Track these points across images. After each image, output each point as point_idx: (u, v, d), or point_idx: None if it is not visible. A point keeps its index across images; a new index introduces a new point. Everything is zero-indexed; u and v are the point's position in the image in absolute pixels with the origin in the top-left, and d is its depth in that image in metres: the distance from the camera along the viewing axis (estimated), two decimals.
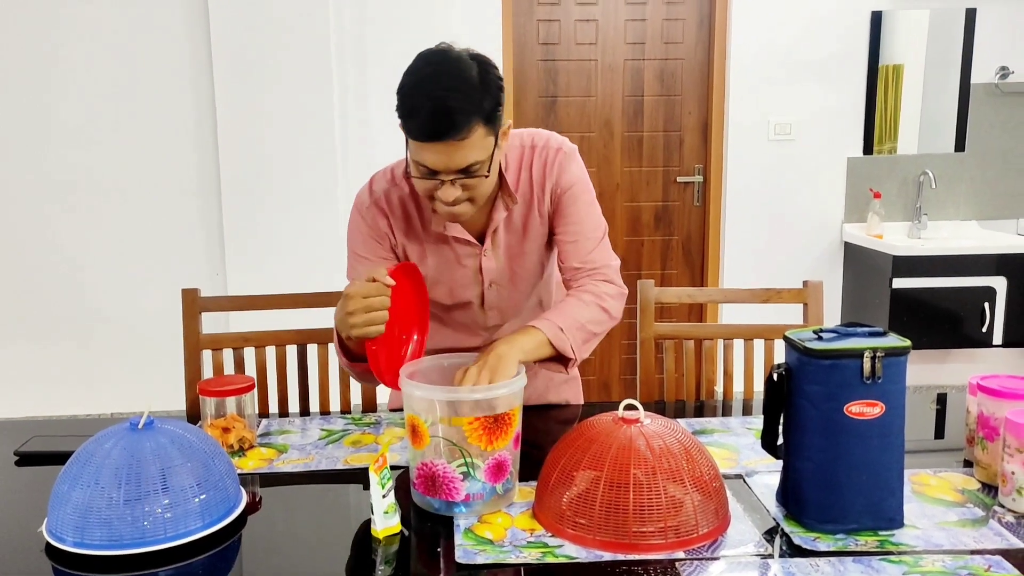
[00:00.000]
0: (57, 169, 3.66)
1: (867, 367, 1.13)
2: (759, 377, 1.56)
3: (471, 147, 1.29)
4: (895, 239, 3.78)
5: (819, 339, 1.17)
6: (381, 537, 1.17)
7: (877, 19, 3.80)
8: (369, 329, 1.29)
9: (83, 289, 3.76)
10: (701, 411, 1.76)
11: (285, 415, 1.77)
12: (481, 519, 1.21)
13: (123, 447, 1.16)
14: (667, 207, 4.03)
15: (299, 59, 3.47)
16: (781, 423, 1.23)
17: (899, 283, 3.57)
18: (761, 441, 1.25)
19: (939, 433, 1.66)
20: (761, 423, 1.26)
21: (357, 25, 3.65)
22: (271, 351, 1.85)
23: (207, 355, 1.84)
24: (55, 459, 1.38)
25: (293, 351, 1.86)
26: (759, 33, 3.81)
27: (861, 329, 1.20)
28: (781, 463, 1.25)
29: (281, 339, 1.85)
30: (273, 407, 1.84)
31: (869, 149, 3.91)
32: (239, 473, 1.35)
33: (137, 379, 3.75)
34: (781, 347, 1.32)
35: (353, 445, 1.53)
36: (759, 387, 1.43)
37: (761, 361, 1.87)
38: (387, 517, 1.17)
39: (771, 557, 1.11)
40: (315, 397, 1.85)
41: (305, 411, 1.82)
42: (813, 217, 3.97)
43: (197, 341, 1.82)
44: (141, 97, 3.62)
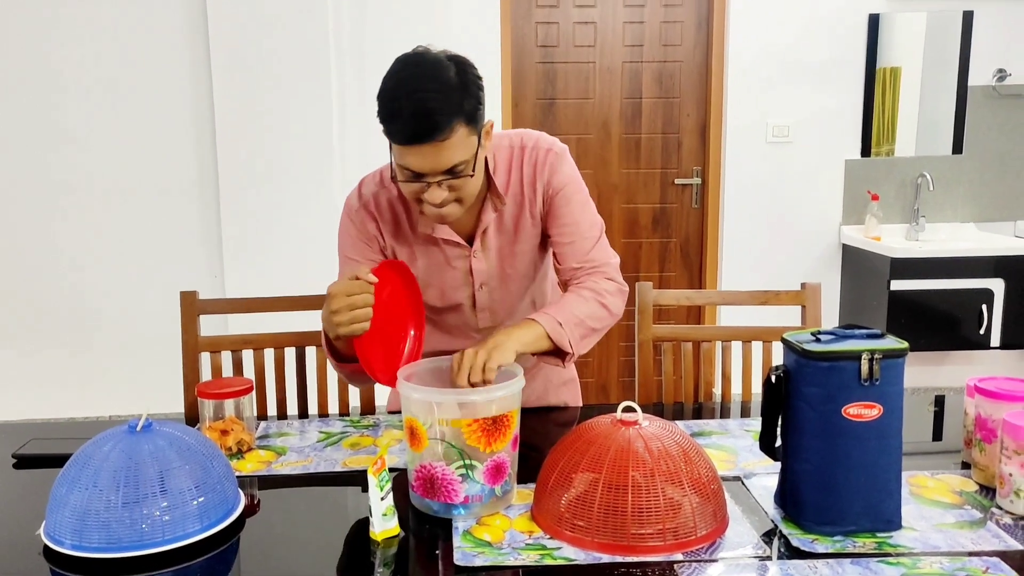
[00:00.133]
0: (55, 171, 3.66)
1: (865, 369, 1.13)
2: (757, 379, 1.56)
3: (454, 147, 1.29)
4: (893, 241, 3.78)
5: (817, 341, 1.18)
6: (379, 539, 1.17)
7: (875, 21, 3.81)
8: (354, 327, 1.29)
9: (81, 291, 3.76)
10: (699, 413, 1.76)
11: (283, 417, 1.77)
12: (480, 521, 1.21)
13: (121, 449, 1.16)
14: (665, 209, 4.03)
15: (298, 62, 3.47)
16: (779, 425, 1.23)
17: (897, 285, 3.57)
18: (759, 443, 1.25)
19: (937, 435, 1.66)
20: (759, 425, 1.26)
21: (355, 29, 3.65)
22: (269, 353, 1.85)
23: (205, 357, 1.83)
24: (53, 462, 1.37)
25: (291, 353, 1.86)
26: (757, 36, 3.82)
27: (859, 331, 1.20)
28: (779, 465, 1.25)
29: (279, 341, 1.85)
30: (271, 409, 1.84)
31: (867, 151, 3.92)
32: (237, 475, 1.35)
33: (135, 381, 3.74)
34: (779, 349, 1.33)
35: (352, 447, 1.53)
36: (757, 389, 1.43)
37: (759, 363, 1.87)
38: (385, 519, 1.17)
39: (769, 559, 1.11)
40: (313, 399, 1.85)
41: (304, 413, 1.82)
42: (811, 219, 3.97)
43: (195, 343, 1.82)
44: (139, 99, 3.62)
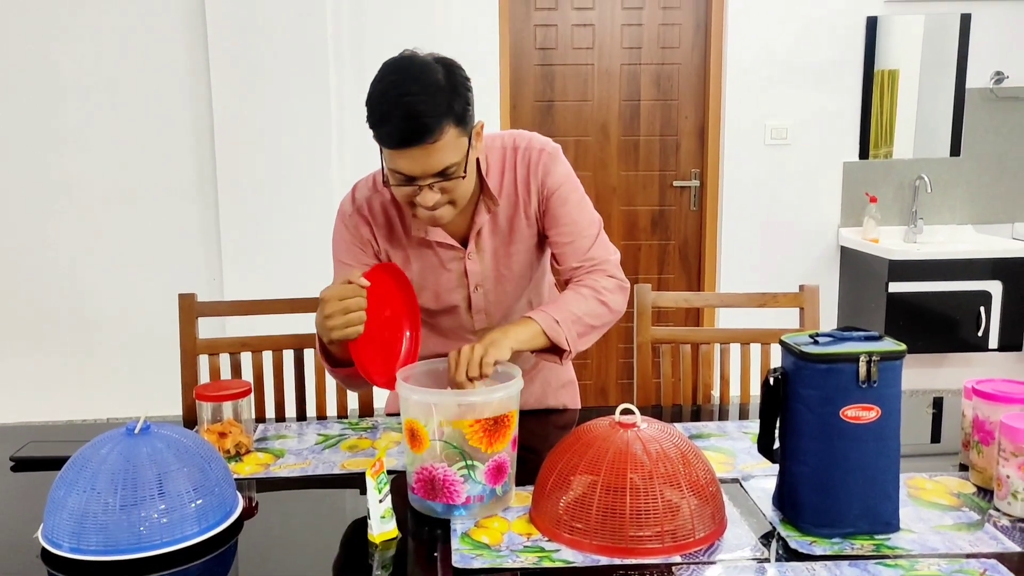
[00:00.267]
0: (53, 173, 3.66)
1: (863, 371, 1.14)
2: (756, 381, 1.56)
3: (444, 149, 1.29)
4: (891, 243, 3.79)
5: (815, 343, 1.18)
6: (378, 542, 1.17)
7: (872, 24, 3.81)
8: (348, 331, 1.29)
9: (79, 293, 3.75)
10: (698, 415, 1.76)
11: (282, 420, 1.77)
12: (478, 523, 1.21)
13: (119, 452, 1.16)
14: (664, 211, 4.03)
15: (296, 65, 3.48)
16: (777, 427, 1.23)
17: (895, 287, 3.57)
18: (757, 445, 1.25)
19: (935, 437, 1.66)
20: (757, 427, 1.26)
21: (354, 32, 3.66)
22: (268, 356, 1.85)
23: (204, 360, 1.83)
24: (51, 464, 1.37)
25: (290, 356, 1.86)
26: (755, 38, 3.82)
27: (857, 333, 1.20)
28: (777, 467, 1.25)
29: (278, 344, 1.85)
30: (270, 412, 1.84)
31: (865, 153, 3.92)
32: (235, 478, 1.35)
33: (133, 384, 3.74)
34: (777, 351, 1.33)
35: (350, 450, 1.53)
36: (756, 391, 1.43)
37: (757, 365, 1.87)
38: (384, 522, 1.17)
39: (767, 561, 1.11)
40: (312, 402, 1.85)
41: (302, 416, 1.82)
42: (809, 221, 3.98)
43: (194, 346, 1.82)
44: (138, 101, 3.62)
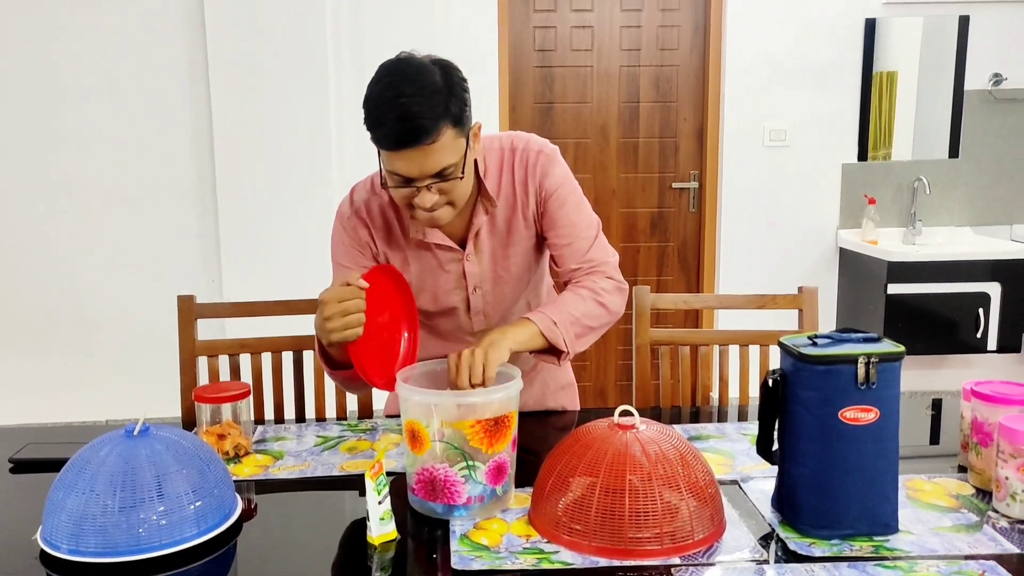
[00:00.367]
0: (52, 175, 3.66)
1: (862, 373, 1.14)
2: (754, 383, 1.56)
3: (442, 151, 1.29)
4: (890, 245, 3.79)
5: (814, 345, 1.18)
6: (377, 544, 1.17)
7: (871, 26, 3.82)
8: (347, 332, 1.29)
9: (78, 295, 3.75)
10: (697, 417, 1.76)
11: (281, 422, 1.77)
12: (477, 525, 1.21)
13: (118, 454, 1.16)
14: (663, 213, 4.03)
15: (295, 67, 3.48)
16: (776, 429, 1.23)
17: (894, 289, 3.58)
18: (756, 447, 1.25)
19: (934, 439, 1.66)
20: (756, 429, 1.26)
21: (353, 34, 3.66)
22: (267, 357, 1.85)
23: (203, 362, 1.83)
24: (50, 466, 1.37)
25: (289, 357, 1.86)
26: (754, 40, 3.82)
27: (856, 335, 1.20)
28: (776, 469, 1.25)
29: (277, 345, 1.85)
30: (269, 414, 1.84)
31: (864, 155, 3.93)
32: (235, 480, 1.35)
33: (132, 386, 3.73)
34: (776, 353, 1.33)
35: (349, 451, 1.53)
36: (754, 393, 1.43)
37: (756, 367, 1.87)
38: (383, 524, 1.17)
39: (766, 563, 1.11)
40: (311, 403, 1.85)
41: (301, 417, 1.82)
42: (808, 223, 3.98)
43: (193, 348, 1.82)
44: (138, 103, 3.62)
